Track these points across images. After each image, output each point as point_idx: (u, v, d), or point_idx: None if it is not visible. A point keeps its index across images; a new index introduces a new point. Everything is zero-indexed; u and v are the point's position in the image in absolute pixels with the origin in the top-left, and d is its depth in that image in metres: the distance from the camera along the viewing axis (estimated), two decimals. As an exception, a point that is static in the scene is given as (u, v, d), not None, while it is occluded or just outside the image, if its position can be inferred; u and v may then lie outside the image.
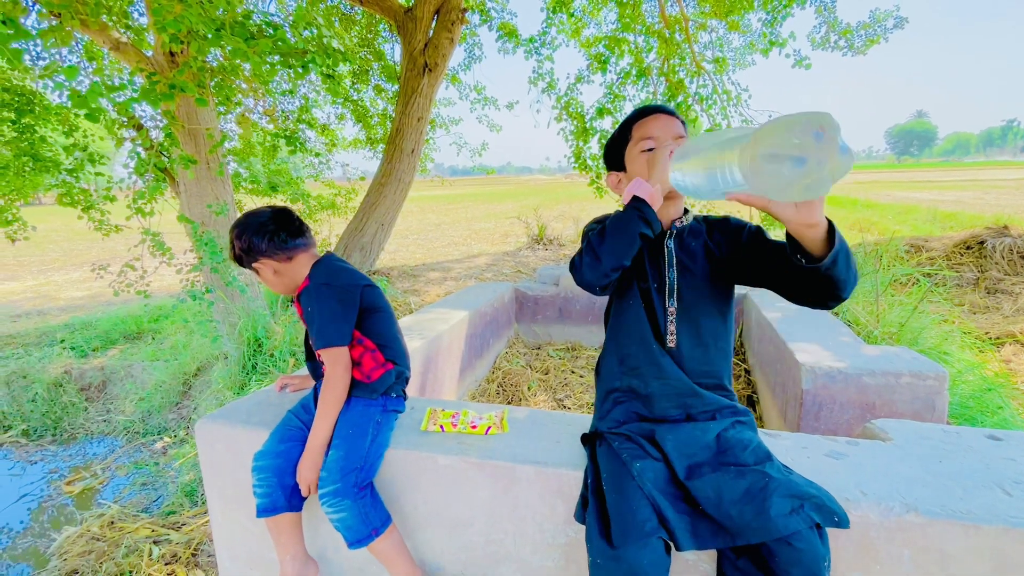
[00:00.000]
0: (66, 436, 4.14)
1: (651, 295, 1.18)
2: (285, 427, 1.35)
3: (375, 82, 7.23)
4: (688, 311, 1.16)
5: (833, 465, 1.21)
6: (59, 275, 10.19)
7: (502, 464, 1.27)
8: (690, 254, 1.17)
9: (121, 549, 2.74)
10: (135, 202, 3.46)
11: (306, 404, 1.44)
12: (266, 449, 1.30)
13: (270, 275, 1.39)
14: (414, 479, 1.35)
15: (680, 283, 1.16)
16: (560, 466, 1.24)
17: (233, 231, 1.35)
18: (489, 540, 1.32)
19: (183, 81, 2.61)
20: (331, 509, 1.24)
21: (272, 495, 1.26)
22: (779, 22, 4.59)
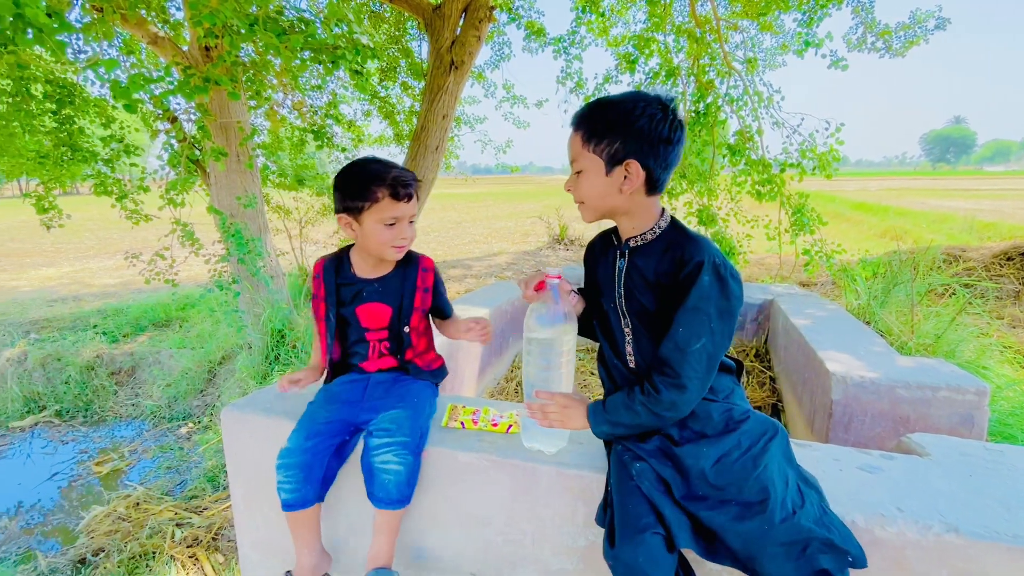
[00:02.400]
0: (96, 418, 4.27)
1: (610, 315, 1.16)
2: (310, 423, 1.33)
3: (402, 79, 7.28)
4: (641, 334, 1.10)
5: (867, 479, 1.16)
6: (93, 262, 10.53)
7: (523, 463, 1.26)
8: (638, 277, 1.08)
9: (145, 530, 2.81)
10: (167, 192, 3.55)
11: (331, 397, 1.43)
12: (293, 447, 1.29)
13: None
14: (433, 474, 1.34)
15: (628, 306, 1.10)
16: (582, 468, 1.23)
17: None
18: (507, 540, 1.31)
19: (217, 74, 2.66)
20: (394, 459, 1.24)
21: (300, 490, 1.27)
22: (816, 22, 4.47)
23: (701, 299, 0.97)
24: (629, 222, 1.10)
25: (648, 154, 1.00)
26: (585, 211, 1.11)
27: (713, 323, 0.98)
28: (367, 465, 1.27)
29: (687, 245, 1.02)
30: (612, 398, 1.09)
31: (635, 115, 0.98)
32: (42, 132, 4.71)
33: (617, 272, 1.12)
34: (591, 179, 1.05)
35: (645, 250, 1.08)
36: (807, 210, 3.91)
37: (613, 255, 1.14)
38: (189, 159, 3.61)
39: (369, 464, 1.26)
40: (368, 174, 1.29)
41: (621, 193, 1.04)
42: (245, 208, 3.73)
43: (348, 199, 1.31)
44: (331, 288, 1.42)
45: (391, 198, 1.28)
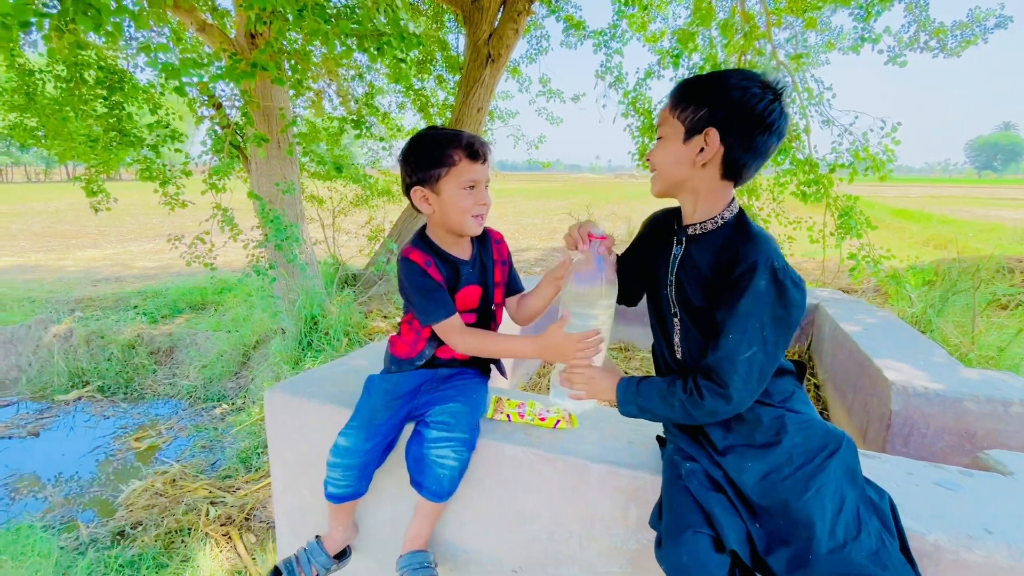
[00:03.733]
0: (136, 395, 4.40)
1: (662, 303, 1.09)
2: (371, 424, 1.29)
3: (437, 72, 7.29)
4: (689, 328, 1.03)
5: (946, 497, 1.08)
6: (135, 245, 10.90)
7: (573, 460, 1.22)
8: (691, 268, 1.01)
9: (181, 506, 2.87)
10: (211, 178, 3.61)
11: (392, 391, 1.35)
12: (352, 447, 1.26)
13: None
14: (478, 466, 1.31)
15: (678, 297, 1.04)
16: (635, 468, 1.18)
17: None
18: (553, 538, 1.27)
19: (264, 60, 2.68)
20: (452, 454, 1.22)
21: (354, 486, 1.27)
22: (874, 16, 4.27)
23: (755, 305, 0.89)
24: (693, 204, 1.03)
25: (732, 129, 0.92)
26: (654, 181, 1.05)
27: (766, 331, 0.90)
28: (419, 455, 1.24)
29: (744, 243, 0.93)
30: (649, 382, 1.04)
31: (729, 85, 0.92)
32: (93, 117, 4.86)
33: (672, 259, 1.05)
34: (667, 145, 1.00)
35: (703, 240, 1.01)
36: (855, 213, 3.75)
37: (671, 240, 1.08)
38: (232, 145, 3.67)
39: (422, 455, 1.23)
40: (441, 138, 1.23)
41: (693, 165, 0.97)
42: (284, 194, 3.78)
43: (422, 169, 1.23)
44: (446, 276, 1.31)
45: (468, 159, 1.21)
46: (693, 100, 0.96)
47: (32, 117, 5.29)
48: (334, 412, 1.48)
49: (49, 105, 5.06)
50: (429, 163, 1.22)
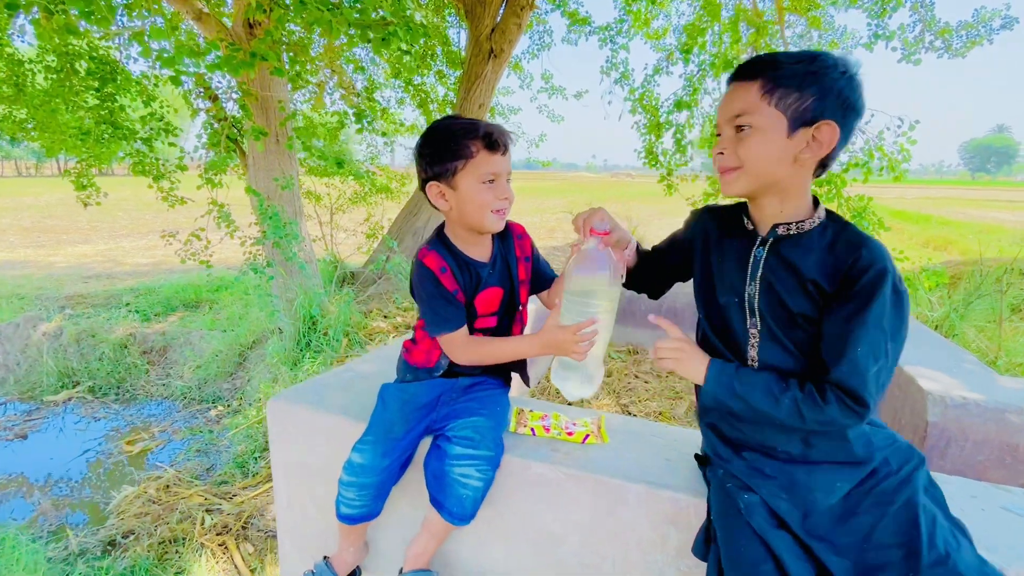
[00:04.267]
0: (128, 396, 4.27)
1: (728, 310, 0.98)
2: (387, 438, 1.19)
3: (436, 67, 7.17)
4: (773, 338, 0.93)
5: (1018, 524, 0.99)
6: (127, 241, 10.71)
7: (607, 480, 1.12)
8: (785, 272, 0.91)
9: (175, 514, 2.76)
10: (207, 172, 3.49)
11: (409, 402, 1.26)
12: (368, 464, 1.16)
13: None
14: (501, 483, 1.21)
15: (763, 303, 0.93)
16: (676, 489, 1.08)
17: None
18: (583, 563, 1.17)
19: (265, 49, 2.56)
20: (476, 474, 1.12)
21: (369, 506, 1.16)
22: (888, 13, 4.19)
23: (881, 315, 0.82)
24: (779, 204, 0.91)
25: (841, 120, 0.83)
26: (737, 180, 0.91)
27: (888, 344, 0.83)
28: (439, 471, 1.14)
29: (865, 246, 0.84)
30: (753, 373, 0.92)
31: (836, 72, 0.81)
32: (84, 108, 4.72)
33: (753, 262, 0.94)
34: (765, 138, 0.85)
35: (800, 242, 0.90)
36: (868, 214, 3.67)
37: (745, 242, 0.97)
38: (229, 138, 3.55)
39: (443, 472, 1.13)
40: (457, 128, 1.13)
41: (795, 163, 0.86)
42: (283, 190, 3.66)
43: (438, 163, 1.13)
44: (460, 279, 1.21)
45: (487, 150, 1.11)
46: (797, 85, 0.82)
47: (21, 109, 5.13)
48: (342, 422, 1.38)
49: (39, 96, 4.90)
50: (445, 156, 1.13)
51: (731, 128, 0.89)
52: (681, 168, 4.75)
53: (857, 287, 0.83)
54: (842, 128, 0.84)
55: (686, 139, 4.58)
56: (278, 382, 3.75)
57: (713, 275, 1.01)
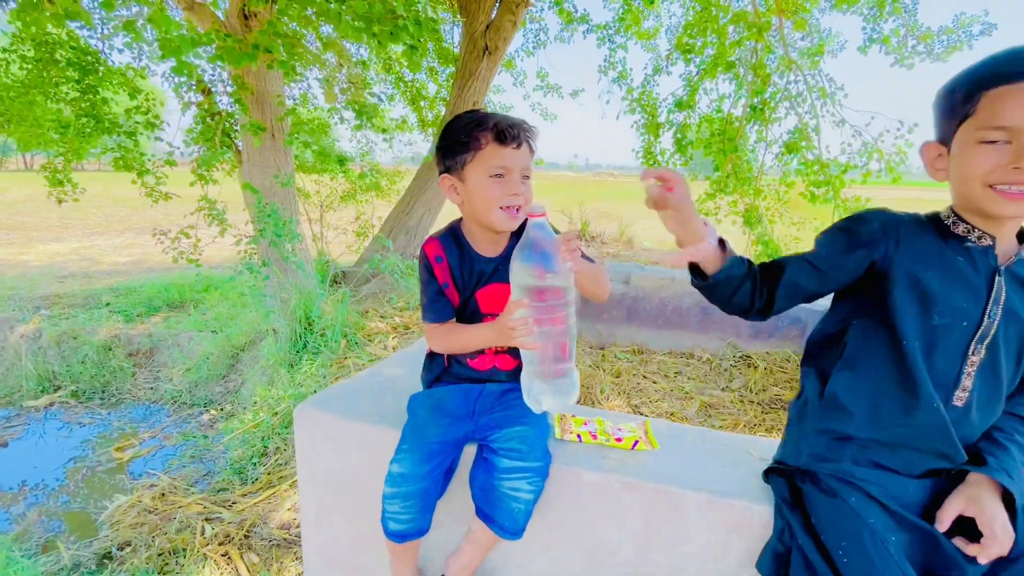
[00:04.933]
0: (114, 400, 4.11)
1: (942, 331, 0.86)
2: (422, 442, 1.15)
3: (428, 63, 7.07)
4: (998, 374, 0.86)
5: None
6: (103, 239, 10.34)
7: (665, 488, 1.09)
8: (1014, 308, 0.85)
9: (173, 524, 2.65)
10: (199, 167, 3.36)
11: (439, 408, 1.22)
12: (408, 472, 1.11)
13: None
14: (550, 493, 1.17)
15: (1002, 334, 0.85)
16: (738, 496, 1.06)
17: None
18: (638, 573, 1.14)
19: (268, 41, 2.47)
20: (527, 486, 1.08)
21: (417, 520, 1.10)
22: (884, 17, 4.26)
23: None
24: (1013, 229, 0.86)
25: None
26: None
27: None
28: (487, 485, 1.10)
29: None
30: (1006, 452, 0.86)
31: None
32: (64, 100, 4.51)
33: (995, 288, 0.85)
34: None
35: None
36: (866, 215, 3.72)
37: (979, 262, 0.86)
38: (224, 133, 3.43)
39: (492, 486, 1.09)
40: (468, 120, 1.11)
41: None
42: (282, 187, 3.55)
43: (449, 155, 1.13)
44: (457, 271, 1.20)
45: (496, 142, 1.08)
46: None
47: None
48: (374, 431, 1.32)
49: (14, 87, 4.68)
50: (456, 147, 1.12)
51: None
52: (679, 168, 4.77)
53: None
54: None
55: (685, 139, 4.60)
56: (275, 385, 3.64)
57: (927, 292, 0.87)
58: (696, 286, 0.98)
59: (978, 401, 0.88)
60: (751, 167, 4.18)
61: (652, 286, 3.51)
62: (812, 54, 4.11)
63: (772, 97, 3.92)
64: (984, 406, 0.89)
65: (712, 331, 3.40)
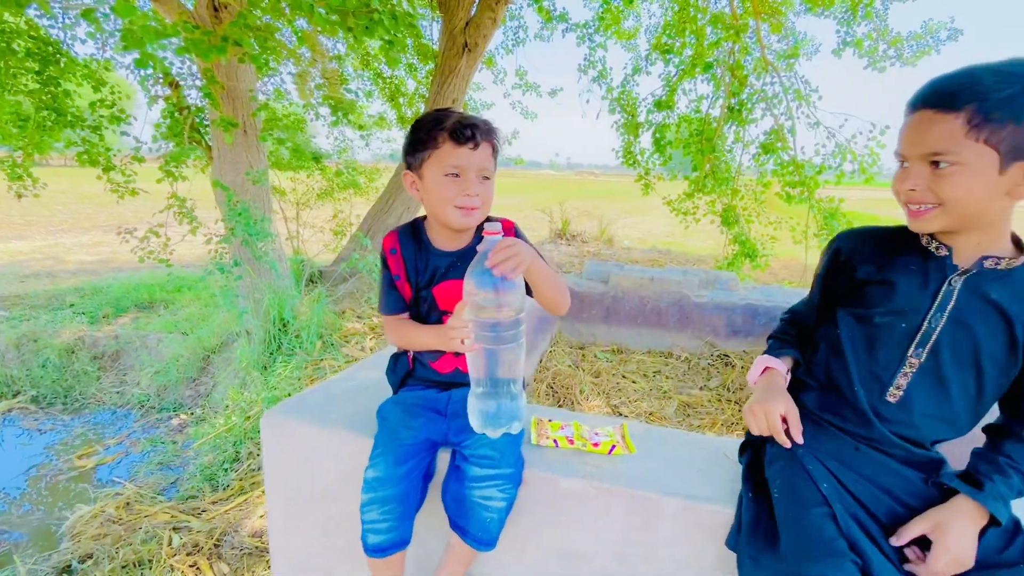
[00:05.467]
0: (77, 405, 3.95)
1: (883, 330, 0.91)
2: (395, 445, 1.11)
3: (407, 60, 6.98)
4: (938, 376, 0.88)
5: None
6: (67, 237, 9.96)
7: (642, 493, 1.07)
8: (986, 309, 0.85)
9: (139, 534, 2.55)
10: (167, 164, 3.24)
11: (409, 410, 1.20)
12: (384, 475, 1.07)
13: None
14: (526, 500, 1.15)
15: (945, 337, 0.87)
16: (715, 501, 1.05)
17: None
18: (614, 580, 1.12)
19: (238, 33, 2.39)
20: (499, 494, 1.05)
21: (399, 528, 1.06)
22: (857, 21, 4.35)
23: None
24: (979, 236, 0.85)
25: None
26: (935, 218, 0.83)
27: None
28: (459, 495, 1.07)
29: None
30: (1008, 480, 0.84)
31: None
32: (24, 92, 4.32)
33: (945, 292, 0.87)
34: (973, 178, 0.77)
35: (1008, 279, 0.84)
36: (839, 215, 3.80)
37: (932, 268, 0.89)
38: (193, 129, 3.31)
39: (463, 496, 1.06)
40: (429, 119, 1.11)
41: (1007, 196, 0.79)
42: (255, 184, 3.45)
43: (410, 152, 1.14)
44: (411, 264, 1.19)
45: (451, 142, 1.07)
46: (1013, 116, 0.74)
47: (-54, 91, 4.64)
48: (345, 438, 1.28)
49: (-32, 78, 4.45)
50: (416, 145, 1.12)
51: (924, 163, 0.81)
52: (658, 168, 4.80)
53: None
54: None
55: (664, 139, 4.62)
56: (247, 388, 3.54)
57: (870, 291, 0.94)
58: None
59: (919, 404, 0.89)
60: (729, 167, 4.22)
61: (631, 285, 3.52)
62: (787, 56, 4.17)
63: (749, 98, 3.96)
64: (932, 412, 0.89)
65: (690, 330, 3.42)
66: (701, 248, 9.16)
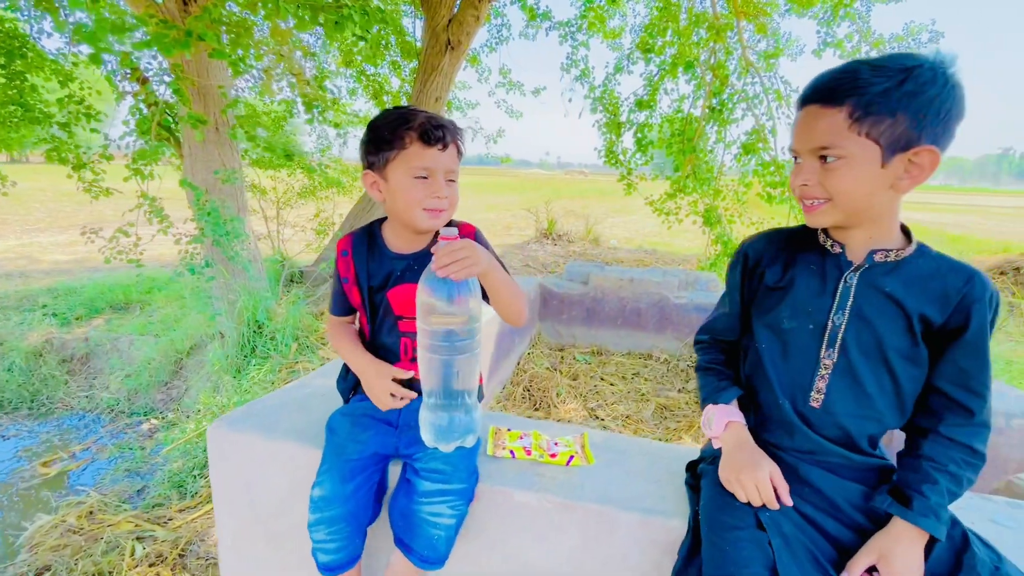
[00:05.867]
0: (44, 410, 3.83)
1: (794, 335, 0.90)
2: (342, 460, 1.06)
3: (391, 57, 6.90)
4: (852, 373, 0.87)
5: (1010, 537, 0.98)
6: (44, 237, 9.74)
7: (597, 508, 1.03)
8: (882, 302, 0.85)
9: (100, 545, 2.46)
10: (135, 162, 3.15)
11: (359, 422, 1.15)
12: (330, 494, 1.02)
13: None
14: (479, 514, 1.11)
15: (849, 334, 0.87)
16: (671, 516, 1.01)
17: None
18: (570, 597, 1.08)
19: (202, 28, 2.31)
20: (448, 511, 1.00)
21: (348, 547, 1.02)
22: (837, 21, 4.35)
23: (988, 345, 0.82)
24: (870, 230, 0.86)
25: (943, 137, 0.77)
26: (826, 213, 0.83)
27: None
28: (405, 511, 1.02)
29: (975, 276, 0.82)
30: (935, 487, 0.82)
31: (934, 88, 0.74)
32: (-12, 86, 4.18)
33: (843, 289, 0.87)
34: (858, 170, 0.78)
35: (899, 271, 0.85)
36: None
37: (829, 265, 0.89)
38: (161, 126, 3.22)
39: (411, 512, 1.01)
40: (394, 117, 1.06)
41: (891, 189, 0.80)
42: (224, 183, 3.36)
43: (372, 151, 1.08)
44: (362, 268, 1.15)
45: (420, 142, 1.03)
46: (890, 110, 0.75)
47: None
48: (294, 450, 1.22)
49: (-70, 72, 4.30)
50: (380, 145, 1.07)
51: (814, 157, 0.82)
52: (641, 167, 4.77)
53: (975, 321, 0.80)
54: (944, 141, 0.78)
55: (646, 139, 4.60)
56: (220, 391, 3.46)
57: (777, 299, 0.93)
58: None
59: (841, 405, 0.87)
60: (711, 168, 4.20)
61: (611, 286, 3.48)
62: (768, 57, 4.16)
63: (730, 99, 3.94)
64: (855, 412, 0.87)
65: (669, 331, 3.40)
66: (687, 248, 9.17)
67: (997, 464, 1.64)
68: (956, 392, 0.83)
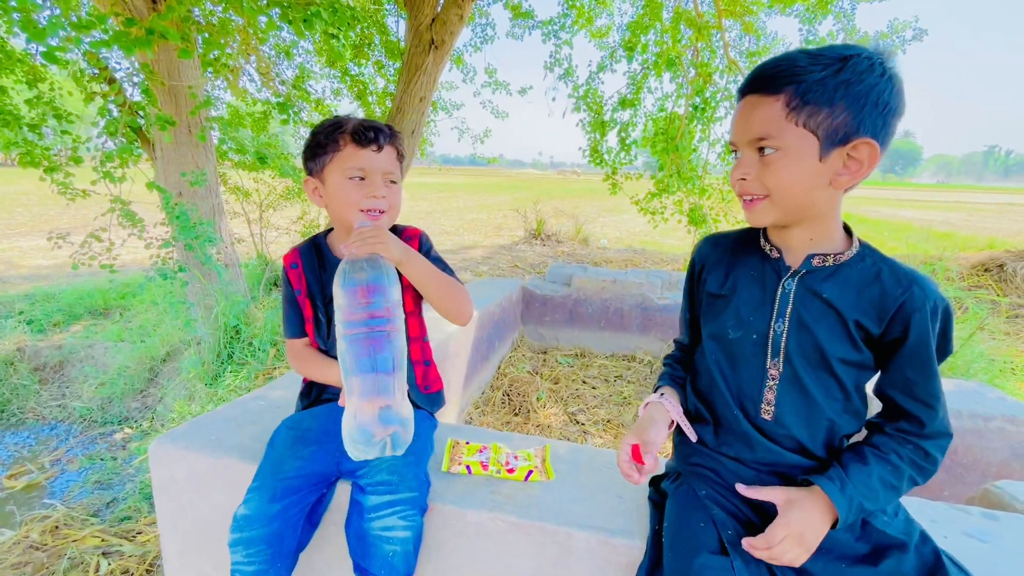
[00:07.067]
0: (13, 421, 3.72)
1: (740, 346, 0.87)
2: (276, 478, 1.00)
3: (375, 58, 6.82)
4: (797, 382, 0.83)
5: (986, 552, 0.93)
6: (25, 241, 9.57)
7: (552, 528, 0.97)
8: (822, 309, 0.81)
9: (63, 561, 2.38)
10: (103, 165, 3.06)
11: (302, 436, 1.10)
12: (253, 513, 0.96)
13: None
14: (431, 534, 1.05)
15: (792, 343, 0.83)
16: (631, 536, 0.95)
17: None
18: (527, 622, 1.02)
19: (164, 27, 2.23)
20: (400, 523, 0.94)
21: (269, 571, 0.95)
22: (818, 19, 4.33)
23: (933, 353, 0.78)
24: (810, 231, 0.82)
25: (882, 132, 0.73)
26: (766, 210, 0.80)
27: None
28: (359, 532, 0.95)
29: (917, 283, 0.77)
30: (867, 478, 0.77)
31: (872, 77, 0.70)
32: (-47, 88, 4.06)
33: (782, 296, 0.83)
34: (796, 163, 0.75)
35: (837, 276, 0.81)
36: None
37: (768, 271, 0.86)
38: (130, 127, 3.13)
39: (363, 531, 0.94)
40: (330, 123, 1.10)
41: (830, 186, 0.76)
42: (192, 186, 3.28)
43: (311, 156, 1.12)
44: (313, 279, 1.15)
45: (354, 143, 1.05)
46: (827, 100, 0.71)
47: None
48: (236, 467, 1.16)
49: None
50: (316, 150, 1.10)
51: (752, 150, 0.78)
52: (626, 167, 4.73)
53: (914, 332, 0.76)
54: (883, 136, 0.74)
55: (630, 138, 4.55)
56: (194, 399, 3.37)
57: (720, 307, 0.90)
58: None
59: (791, 415, 0.84)
60: (695, 167, 4.16)
61: (594, 288, 3.43)
62: (752, 56, 4.12)
63: (712, 96, 3.90)
64: (803, 421, 0.84)
65: (653, 332, 3.35)
66: (677, 247, 9.15)
67: (976, 468, 1.60)
68: (905, 401, 0.80)
